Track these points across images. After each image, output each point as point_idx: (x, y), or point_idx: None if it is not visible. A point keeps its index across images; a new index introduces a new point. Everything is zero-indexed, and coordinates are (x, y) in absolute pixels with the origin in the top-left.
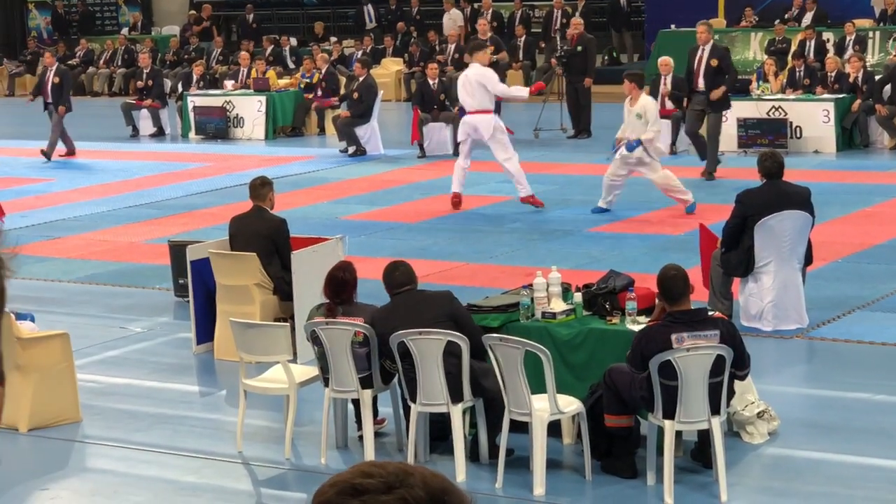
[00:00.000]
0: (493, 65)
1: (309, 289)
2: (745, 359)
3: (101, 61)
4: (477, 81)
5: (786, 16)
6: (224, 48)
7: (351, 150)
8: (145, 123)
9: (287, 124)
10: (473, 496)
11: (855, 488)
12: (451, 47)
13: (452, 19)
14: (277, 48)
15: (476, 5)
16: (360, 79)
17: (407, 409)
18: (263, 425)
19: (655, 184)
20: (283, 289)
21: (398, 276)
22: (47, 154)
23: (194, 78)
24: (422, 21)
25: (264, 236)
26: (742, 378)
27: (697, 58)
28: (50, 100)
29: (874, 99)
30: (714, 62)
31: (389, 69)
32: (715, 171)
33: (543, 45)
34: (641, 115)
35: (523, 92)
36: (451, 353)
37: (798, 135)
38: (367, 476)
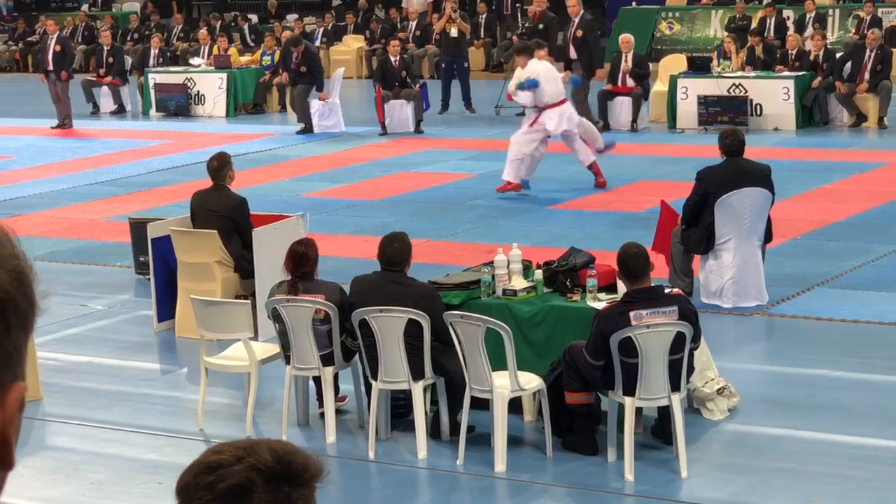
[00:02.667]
0: (460, 38)
1: (270, 266)
2: (699, 335)
3: None
4: (555, 75)
5: None
6: (185, 25)
7: (300, 126)
8: (106, 101)
9: (248, 101)
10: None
11: (813, 464)
12: (413, 24)
13: None
14: (232, 25)
15: None
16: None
17: (368, 387)
18: (224, 403)
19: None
20: (243, 267)
21: (390, 253)
22: (64, 125)
23: (153, 52)
24: None
25: (224, 215)
26: (694, 349)
27: (570, 30)
28: (51, 67)
29: (834, 77)
30: (580, 33)
31: (351, 46)
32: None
33: (498, 25)
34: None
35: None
36: (412, 331)
37: (758, 112)
38: (217, 453)
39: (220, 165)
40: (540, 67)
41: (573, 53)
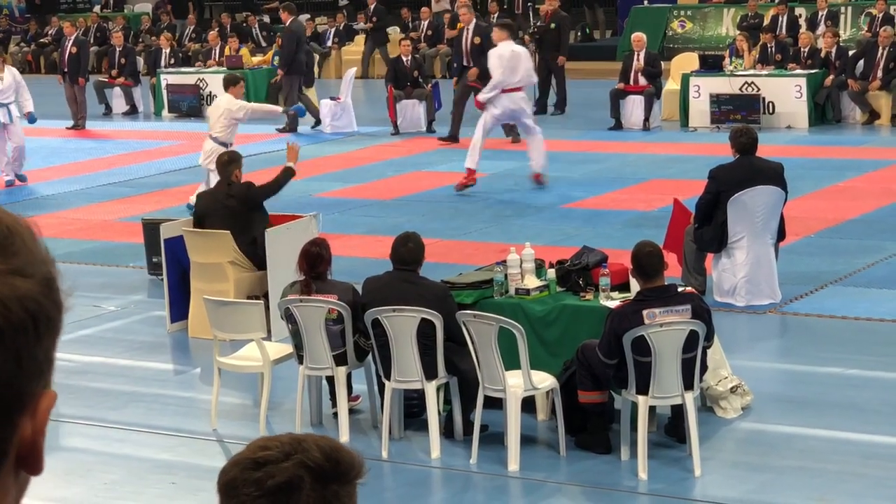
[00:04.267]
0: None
1: (282, 266)
2: (712, 333)
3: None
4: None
5: None
6: (197, 26)
7: (285, 123)
8: (118, 101)
9: (260, 101)
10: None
11: (827, 462)
12: (425, 24)
13: None
14: (243, 25)
15: None
16: (286, 25)
17: (381, 387)
18: (238, 403)
19: None
20: (258, 256)
21: (403, 253)
22: (78, 125)
23: (164, 52)
24: None
25: (235, 206)
26: (707, 347)
27: (464, 38)
28: (67, 69)
29: (847, 74)
30: (477, 40)
31: (362, 46)
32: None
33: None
34: None
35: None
36: (425, 331)
37: (771, 110)
38: (264, 449)
39: (229, 160)
40: (507, 50)
41: (468, 60)
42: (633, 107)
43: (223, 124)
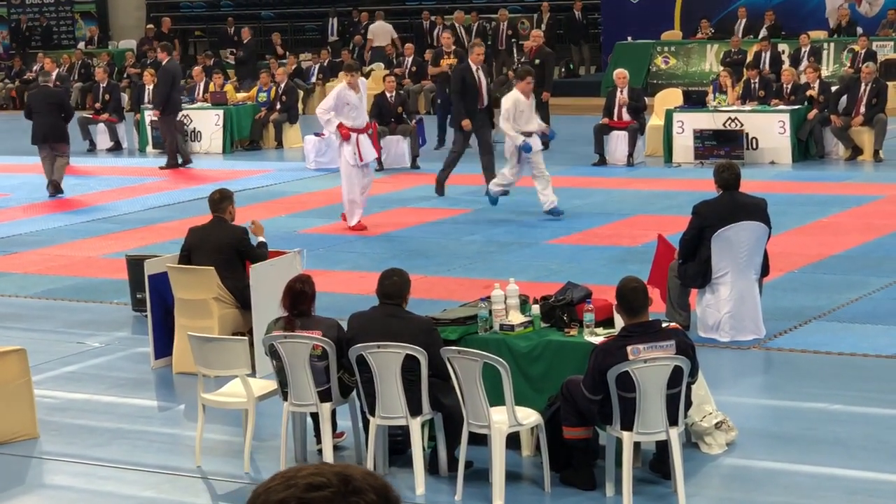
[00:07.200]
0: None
1: (267, 302)
2: (696, 369)
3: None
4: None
5: (737, 27)
6: (181, 62)
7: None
8: (102, 138)
9: (244, 138)
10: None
11: (812, 498)
12: (409, 60)
13: (385, 29)
14: (227, 61)
15: (434, 18)
16: (163, 63)
17: (366, 423)
18: (222, 439)
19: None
20: (246, 297)
21: (387, 286)
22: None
23: (147, 88)
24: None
25: (226, 246)
26: (691, 382)
27: (477, 79)
28: None
29: (830, 110)
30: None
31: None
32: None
33: (493, 60)
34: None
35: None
36: (410, 366)
37: (754, 146)
38: (315, 489)
39: (221, 198)
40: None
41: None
42: (617, 142)
43: None
